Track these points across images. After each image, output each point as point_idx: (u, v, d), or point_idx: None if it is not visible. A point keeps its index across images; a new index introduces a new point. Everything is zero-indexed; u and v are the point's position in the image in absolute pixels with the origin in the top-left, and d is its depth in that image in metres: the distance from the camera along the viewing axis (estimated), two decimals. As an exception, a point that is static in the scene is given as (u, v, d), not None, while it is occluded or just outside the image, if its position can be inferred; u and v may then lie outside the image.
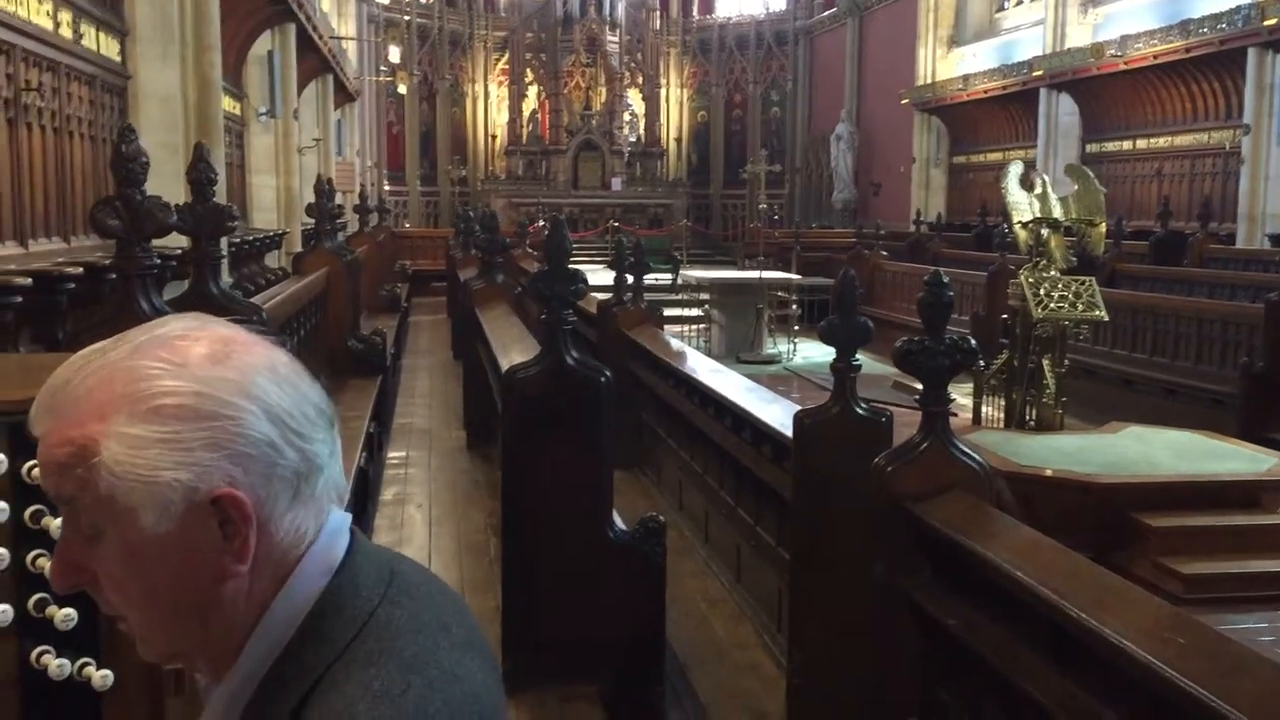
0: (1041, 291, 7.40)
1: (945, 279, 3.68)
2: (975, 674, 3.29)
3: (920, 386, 3.70)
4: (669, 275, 14.27)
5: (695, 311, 14.98)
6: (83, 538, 1.25)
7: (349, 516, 1.35)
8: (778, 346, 14.46)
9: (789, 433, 5.16)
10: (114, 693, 2.27)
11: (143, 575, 1.25)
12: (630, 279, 8.91)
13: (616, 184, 29.29)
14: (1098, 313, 7.44)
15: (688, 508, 7.49)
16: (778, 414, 5.66)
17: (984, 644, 3.18)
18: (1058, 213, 7.69)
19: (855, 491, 4.68)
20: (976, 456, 3.66)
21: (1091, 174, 8.23)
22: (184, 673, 2.43)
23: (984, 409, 8.11)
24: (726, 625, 5.88)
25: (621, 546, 4.54)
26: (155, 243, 3.38)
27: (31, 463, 2.15)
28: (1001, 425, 7.80)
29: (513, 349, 6.42)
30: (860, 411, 4.86)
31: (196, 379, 1.22)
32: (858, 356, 4.90)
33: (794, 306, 14.73)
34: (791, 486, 5.03)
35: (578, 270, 4.76)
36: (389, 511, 7.45)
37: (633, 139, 30.26)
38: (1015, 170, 8.03)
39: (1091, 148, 18.79)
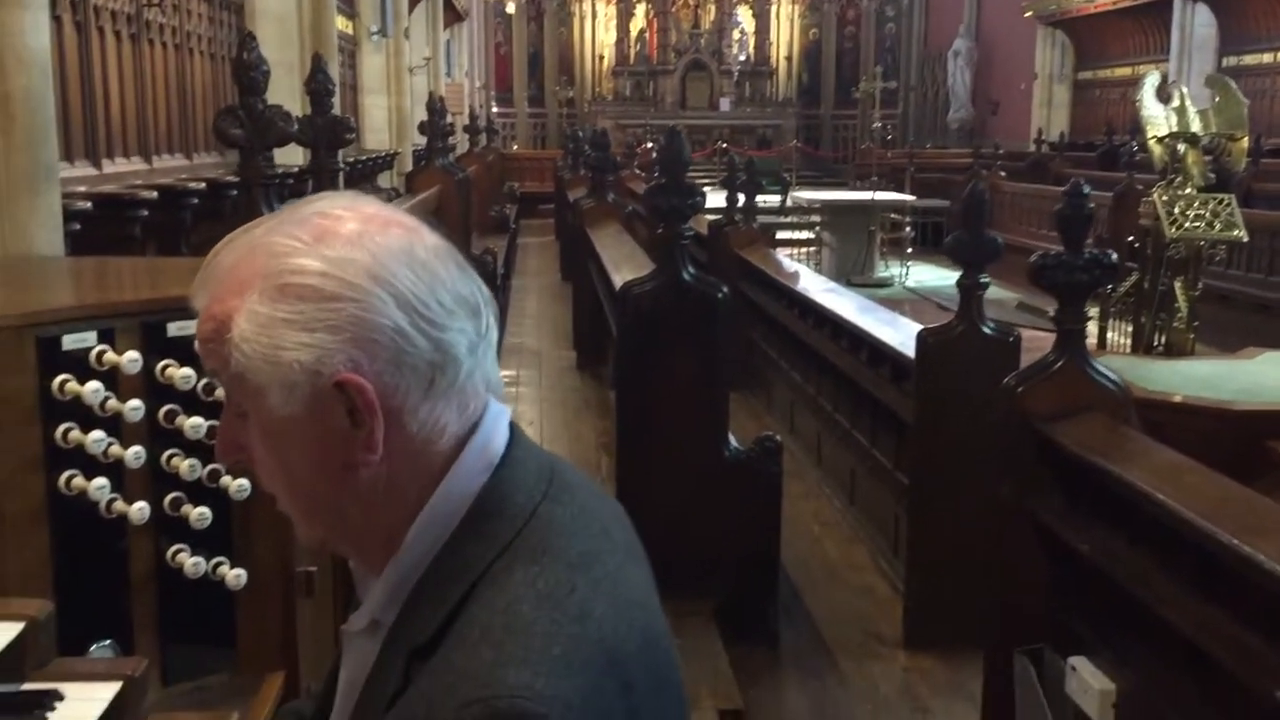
0: (1176, 210, 7.04)
1: (1085, 188, 3.49)
2: (1107, 599, 3.17)
3: (1051, 308, 3.54)
4: (778, 197, 14.02)
5: (805, 234, 14.73)
6: (236, 415, 1.24)
7: (507, 410, 1.31)
8: (889, 270, 14.15)
9: (910, 353, 5.02)
10: (247, 592, 2.31)
11: (279, 457, 1.22)
12: (741, 198, 8.76)
13: (725, 104, 28.81)
14: (1236, 233, 7.06)
15: (799, 430, 7.40)
16: (898, 334, 5.51)
17: (1119, 569, 3.05)
18: (1196, 127, 7.28)
19: (981, 413, 4.54)
20: (1114, 376, 3.49)
21: (1234, 85, 7.77)
22: (314, 576, 2.46)
23: (1109, 334, 7.82)
24: (839, 548, 5.82)
25: (737, 465, 4.48)
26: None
27: (165, 362, 2.17)
28: (1127, 351, 7.50)
29: (625, 266, 6.36)
30: (987, 330, 4.70)
31: (325, 259, 1.17)
32: (984, 275, 4.73)
33: (907, 229, 14.38)
34: (912, 408, 4.91)
35: (694, 184, 4.65)
36: (501, 428, 7.51)
37: (741, 58, 29.64)
38: (1151, 82, 7.62)
39: (1229, 60, 17.78)
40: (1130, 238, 7.70)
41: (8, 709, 1.88)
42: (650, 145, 20.65)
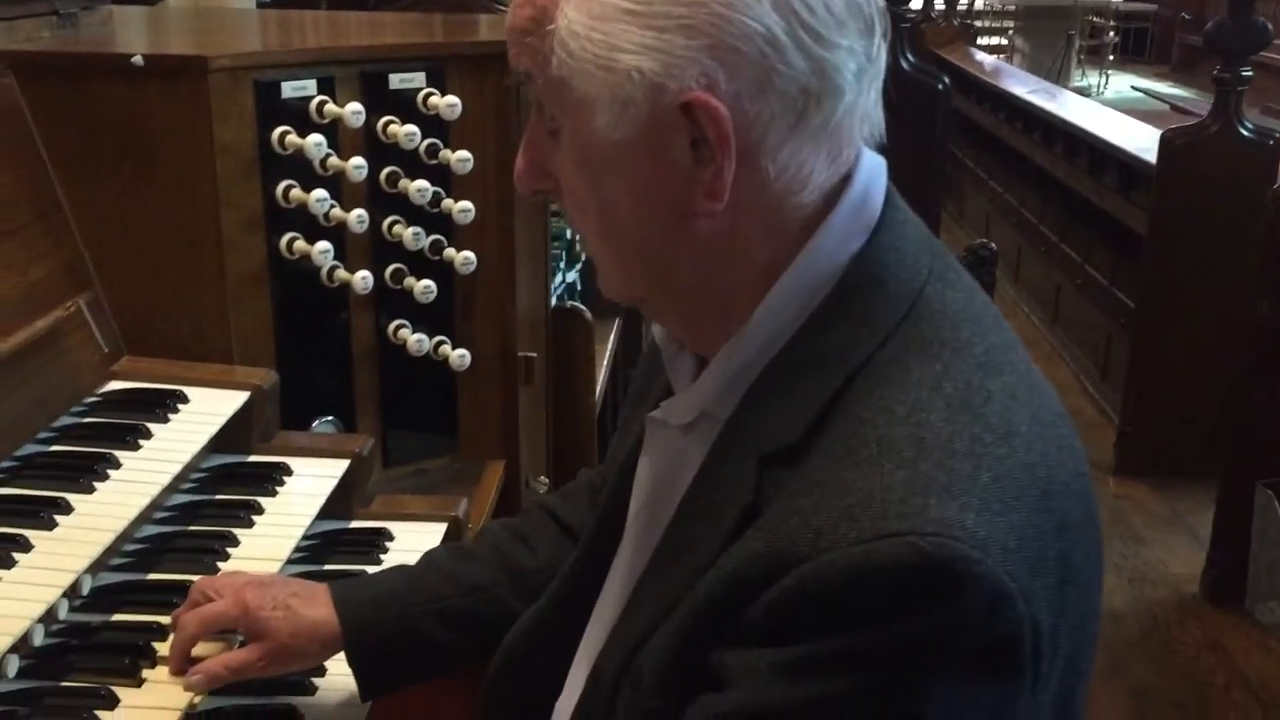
0: None
1: None
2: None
3: None
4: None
5: (995, 40, 13.74)
6: (546, 132, 1.00)
7: (883, 163, 1.03)
8: (1087, 78, 13.14)
9: (1145, 157, 4.55)
10: (469, 374, 2.15)
11: (597, 192, 0.97)
12: (942, -9, 8.09)
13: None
14: None
15: (995, 243, 6.95)
16: (1128, 137, 4.99)
17: None
18: None
19: (1232, 224, 4.09)
20: None
21: None
22: (534, 362, 2.29)
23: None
24: (1042, 368, 5.47)
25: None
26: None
27: (387, 118, 1.96)
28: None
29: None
30: (1245, 132, 4.18)
31: None
32: (1246, 68, 4.17)
33: (1110, 34, 13.25)
34: (1146, 219, 4.46)
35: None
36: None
37: None
38: None
39: None
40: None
41: (239, 480, 1.78)
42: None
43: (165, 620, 1.43)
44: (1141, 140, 4.80)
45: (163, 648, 1.38)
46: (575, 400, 2.69)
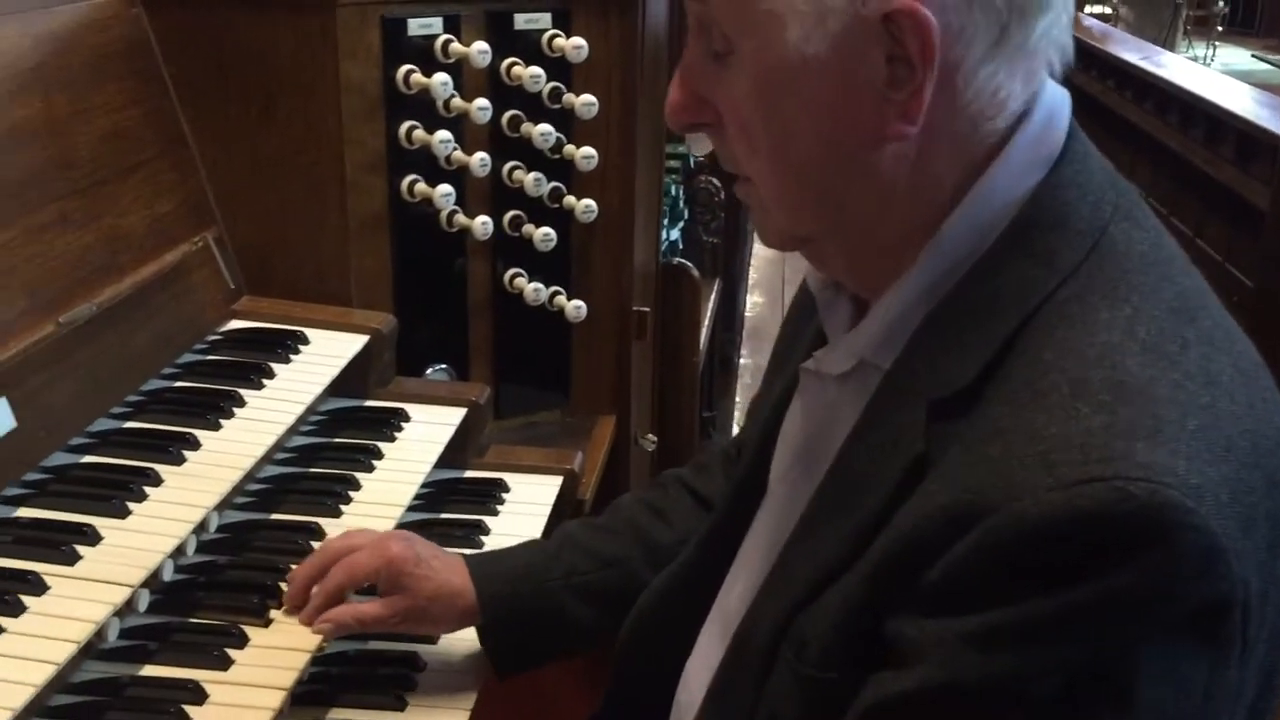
0: None
1: None
2: None
3: None
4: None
5: (1099, 9, 13.32)
6: (710, 57, 0.92)
7: (1067, 95, 0.95)
8: (1193, 50, 12.68)
9: (1268, 125, 4.34)
10: (584, 326, 2.10)
11: (775, 116, 0.90)
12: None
13: None
14: None
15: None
16: (1249, 105, 4.78)
17: None
18: None
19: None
20: None
21: None
22: (648, 315, 2.23)
23: None
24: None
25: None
26: None
27: (511, 59, 1.90)
28: None
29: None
30: (1383, 101, 3.97)
31: None
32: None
33: (1220, 3, 12.77)
34: (1269, 192, 4.26)
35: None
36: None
37: None
38: None
39: None
40: None
41: (358, 424, 1.75)
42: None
43: (291, 562, 1.41)
44: (1262, 109, 4.59)
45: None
46: (680, 358, 2.64)
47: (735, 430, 4.52)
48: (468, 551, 1.62)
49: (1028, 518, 0.76)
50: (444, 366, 2.02)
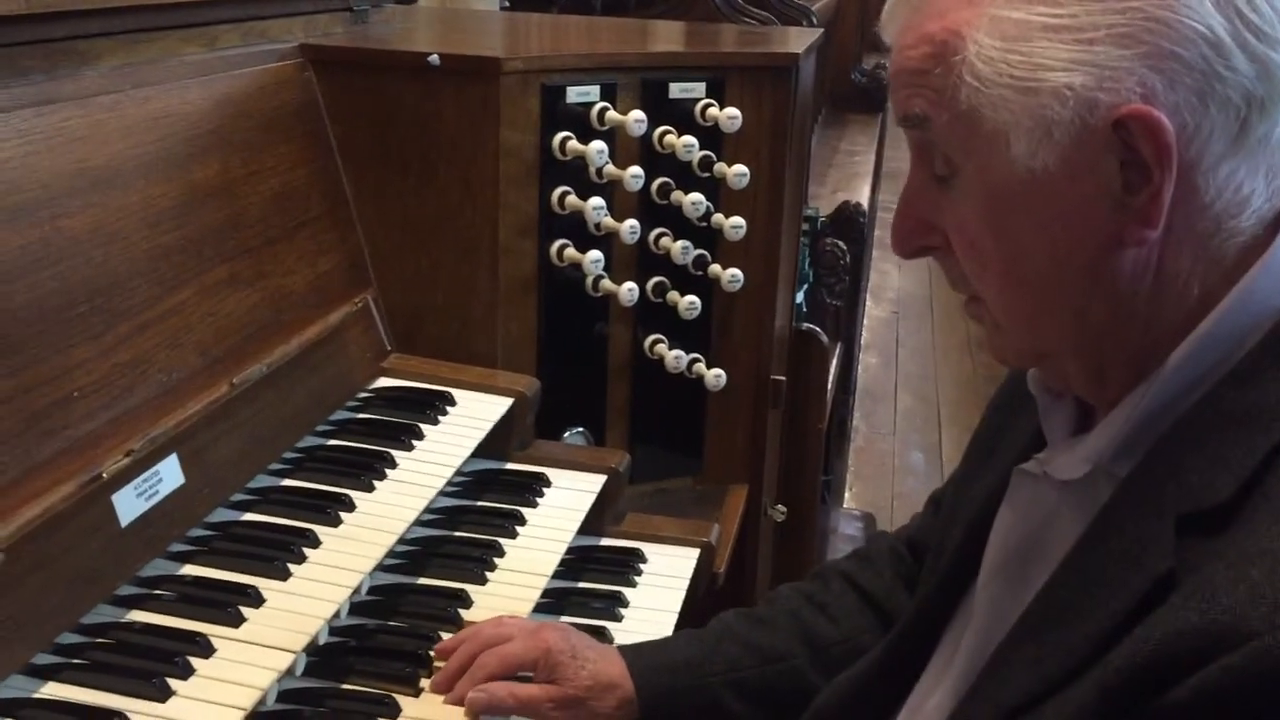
0: None
1: None
2: None
3: None
4: None
5: None
6: (933, 182, 0.91)
7: None
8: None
9: None
10: (720, 394, 2.08)
11: (1005, 234, 0.88)
12: None
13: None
14: None
15: None
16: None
17: None
18: None
19: None
20: None
21: None
22: (783, 384, 2.21)
23: None
24: None
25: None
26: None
27: (665, 129, 1.91)
28: None
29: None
30: None
31: None
32: None
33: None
34: None
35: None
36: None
37: None
38: None
39: None
40: None
41: (500, 487, 1.75)
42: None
43: (440, 629, 1.41)
44: None
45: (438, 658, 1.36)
46: (806, 425, 2.60)
47: (847, 495, 4.44)
48: (607, 624, 1.62)
49: None
50: (581, 430, 2.02)
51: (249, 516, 1.43)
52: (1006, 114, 0.85)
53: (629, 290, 1.91)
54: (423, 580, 1.53)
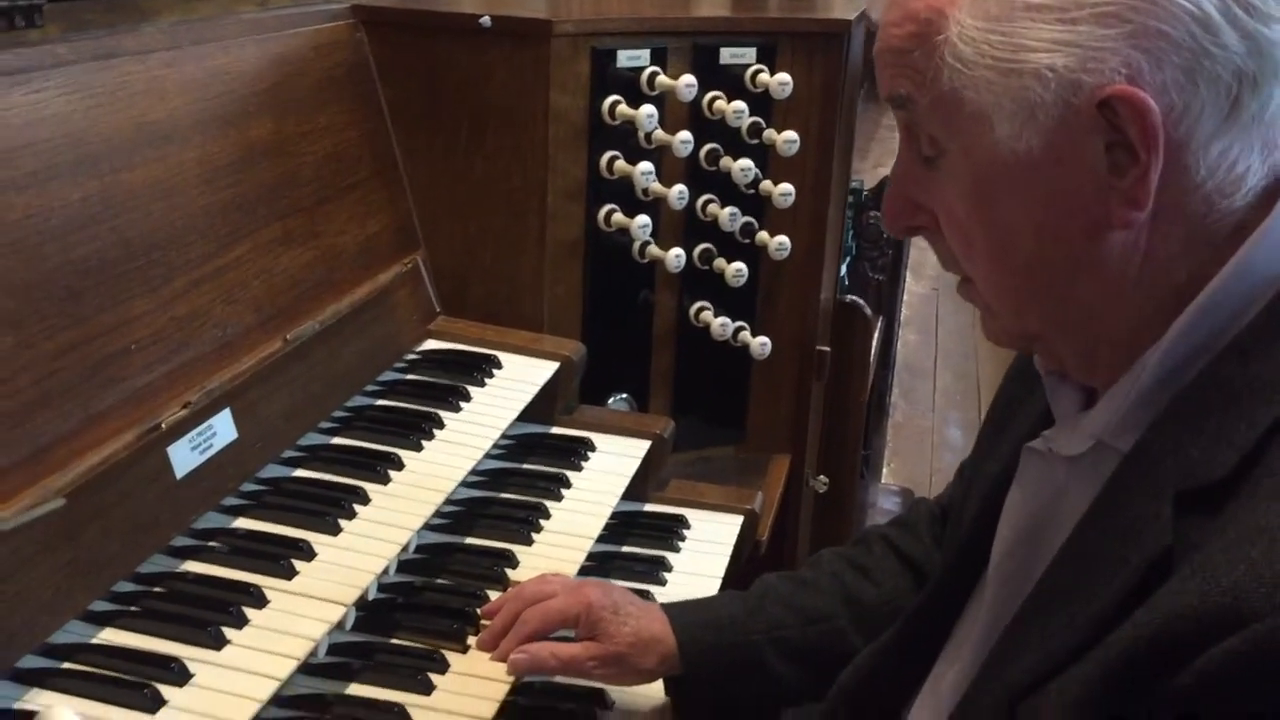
0: None
1: None
2: None
3: None
4: None
5: None
6: (920, 163, 0.90)
7: None
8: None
9: None
10: (764, 363, 2.07)
11: (991, 215, 0.87)
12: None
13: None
14: None
15: None
16: None
17: None
18: None
19: None
20: None
21: None
22: (827, 357, 2.20)
23: None
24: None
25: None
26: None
27: (714, 93, 1.90)
28: None
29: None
30: None
31: None
32: None
33: None
34: None
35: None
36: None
37: None
38: None
39: None
40: None
41: (545, 451, 1.76)
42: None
43: (486, 589, 1.42)
44: None
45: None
46: (848, 398, 2.59)
47: (885, 471, 4.43)
48: (651, 587, 1.62)
49: None
50: (625, 396, 2.02)
51: (299, 473, 1.45)
52: (989, 96, 0.84)
53: (676, 256, 1.90)
54: (470, 540, 1.54)
